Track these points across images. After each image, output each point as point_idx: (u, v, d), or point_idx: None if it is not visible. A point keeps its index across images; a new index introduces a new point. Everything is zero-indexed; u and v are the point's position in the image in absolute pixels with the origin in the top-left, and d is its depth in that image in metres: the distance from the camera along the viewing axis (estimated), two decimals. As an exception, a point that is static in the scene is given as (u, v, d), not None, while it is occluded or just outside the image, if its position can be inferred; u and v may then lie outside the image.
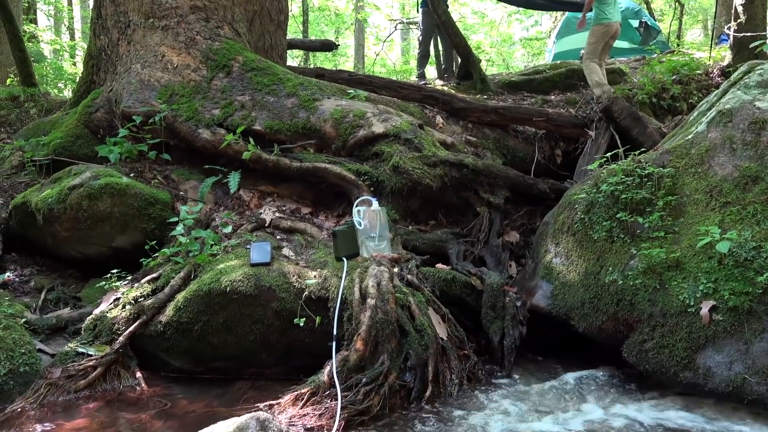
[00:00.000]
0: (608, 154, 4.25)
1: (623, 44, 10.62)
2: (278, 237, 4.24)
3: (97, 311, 3.62)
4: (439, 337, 3.27)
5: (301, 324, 3.36)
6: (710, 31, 12.09)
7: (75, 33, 18.49)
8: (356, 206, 3.93)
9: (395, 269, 3.63)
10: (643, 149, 4.16)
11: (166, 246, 4.03)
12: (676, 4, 14.22)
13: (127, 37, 5.49)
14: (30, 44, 11.70)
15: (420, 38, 9.22)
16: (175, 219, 4.12)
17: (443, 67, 9.30)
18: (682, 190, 3.49)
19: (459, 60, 8.44)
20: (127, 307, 3.54)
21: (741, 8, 7.37)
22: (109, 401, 3.18)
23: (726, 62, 7.56)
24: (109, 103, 5.28)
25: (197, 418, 2.95)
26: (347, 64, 20.07)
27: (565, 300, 3.58)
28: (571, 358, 3.64)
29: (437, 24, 8.32)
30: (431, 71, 10.64)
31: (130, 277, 3.89)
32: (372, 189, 4.49)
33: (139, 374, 3.39)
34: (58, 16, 18.19)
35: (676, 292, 3.12)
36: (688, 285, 3.10)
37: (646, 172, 3.58)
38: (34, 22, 14.74)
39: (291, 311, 3.40)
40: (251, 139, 4.73)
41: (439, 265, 4.07)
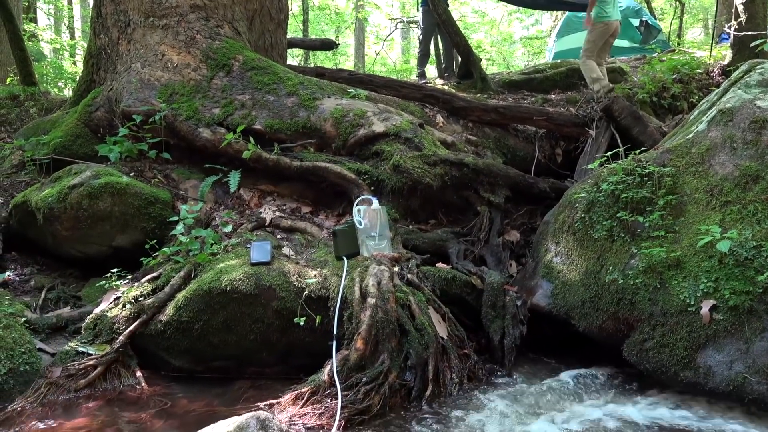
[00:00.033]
0: (609, 153, 4.25)
1: (624, 43, 10.62)
2: (278, 236, 4.24)
3: (97, 310, 3.62)
4: (439, 337, 3.26)
5: (302, 323, 3.36)
6: (711, 30, 12.07)
7: (75, 32, 18.50)
8: (356, 205, 3.93)
9: (396, 268, 3.63)
10: (643, 148, 4.15)
11: (167, 245, 4.03)
12: (677, 2, 14.21)
13: (127, 36, 5.49)
14: (30, 43, 11.71)
15: (420, 37, 9.20)
16: (176, 218, 4.12)
17: (443, 66, 9.30)
18: (682, 189, 3.48)
19: (459, 59, 8.43)
20: (128, 306, 3.54)
21: (741, 7, 7.36)
22: (110, 400, 3.18)
23: (727, 61, 7.55)
24: (110, 102, 5.28)
25: (197, 418, 2.95)
26: (347, 63, 20.07)
27: (566, 299, 3.58)
28: (571, 357, 3.63)
29: (437, 23, 8.32)
30: (431, 70, 10.64)
31: (130, 277, 3.89)
32: (372, 188, 4.49)
33: (139, 373, 3.39)
34: (58, 15, 18.20)
35: (676, 291, 3.11)
36: (689, 284, 3.09)
37: (647, 171, 3.57)
38: (34, 21, 14.74)
39: (291, 310, 3.40)
40: (251, 139, 4.73)
41: (440, 265, 4.07)
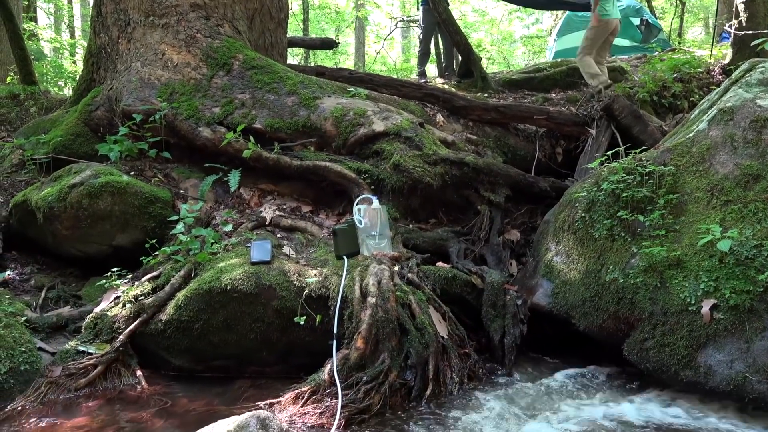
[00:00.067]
0: (609, 153, 4.25)
1: (624, 42, 10.61)
2: (279, 235, 4.24)
3: (97, 310, 3.62)
4: (439, 336, 3.26)
5: (302, 322, 3.36)
6: (711, 29, 12.07)
7: (75, 31, 18.50)
8: (357, 204, 3.92)
9: (396, 268, 3.63)
10: (644, 147, 4.14)
11: (167, 244, 4.02)
12: (677, 1, 14.20)
13: (127, 35, 5.49)
14: (30, 42, 11.70)
15: (420, 36, 9.20)
16: (176, 217, 4.12)
17: (444, 65, 9.29)
18: (683, 189, 3.48)
19: (459, 58, 8.42)
20: (128, 305, 3.54)
21: (742, 6, 7.35)
22: (110, 400, 3.18)
23: (727, 60, 7.54)
24: (110, 102, 5.28)
25: (198, 417, 2.95)
26: (348, 63, 20.07)
27: (566, 298, 3.58)
28: (571, 356, 3.63)
29: (438, 22, 8.31)
30: (432, 69, 10.64)
31: (130, 276, 3.89)
32: (372, 187, 4.49)
33: (139, 373, 3.39)
34: (58, 14, 18.20)
35: (677, 290, 3.11)
36: (689, 283, 3.09)
37: (647, 170, 3.57)
38: (34, 20, 14.73)
39: (291, 310, 3.39)
40: (251, 138, 4.72)
41: (440, 264, 4.06)
